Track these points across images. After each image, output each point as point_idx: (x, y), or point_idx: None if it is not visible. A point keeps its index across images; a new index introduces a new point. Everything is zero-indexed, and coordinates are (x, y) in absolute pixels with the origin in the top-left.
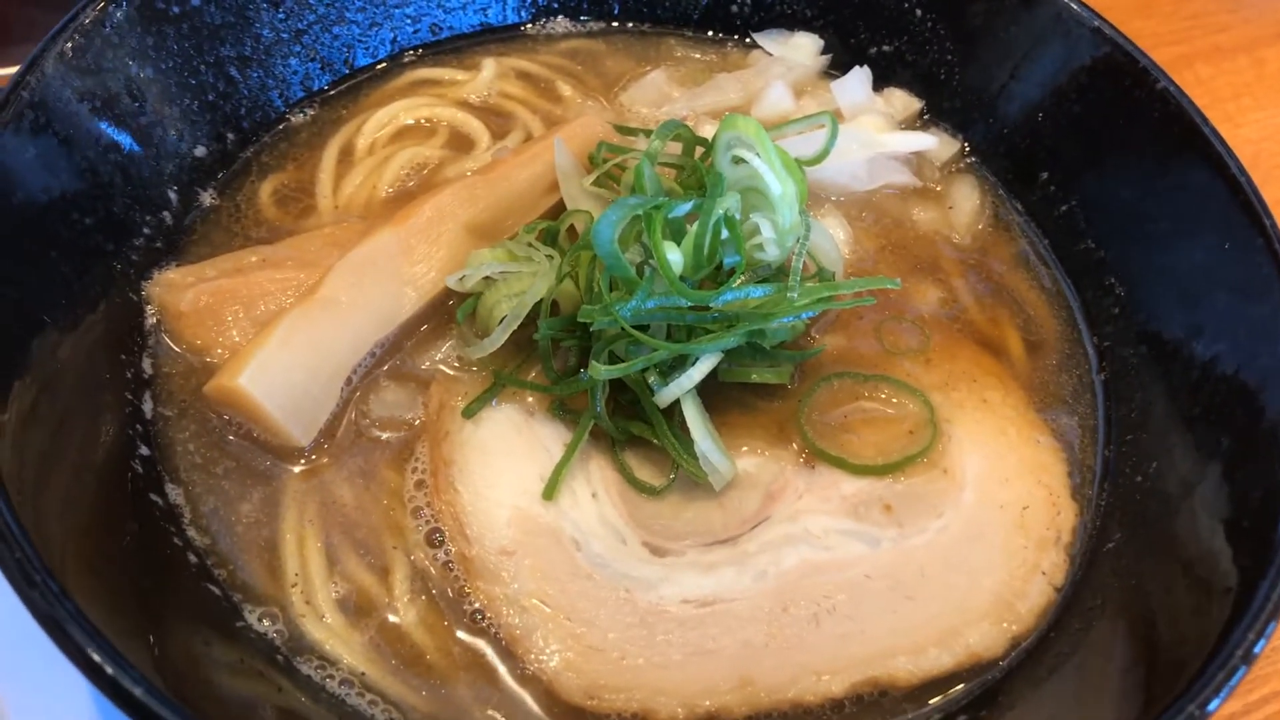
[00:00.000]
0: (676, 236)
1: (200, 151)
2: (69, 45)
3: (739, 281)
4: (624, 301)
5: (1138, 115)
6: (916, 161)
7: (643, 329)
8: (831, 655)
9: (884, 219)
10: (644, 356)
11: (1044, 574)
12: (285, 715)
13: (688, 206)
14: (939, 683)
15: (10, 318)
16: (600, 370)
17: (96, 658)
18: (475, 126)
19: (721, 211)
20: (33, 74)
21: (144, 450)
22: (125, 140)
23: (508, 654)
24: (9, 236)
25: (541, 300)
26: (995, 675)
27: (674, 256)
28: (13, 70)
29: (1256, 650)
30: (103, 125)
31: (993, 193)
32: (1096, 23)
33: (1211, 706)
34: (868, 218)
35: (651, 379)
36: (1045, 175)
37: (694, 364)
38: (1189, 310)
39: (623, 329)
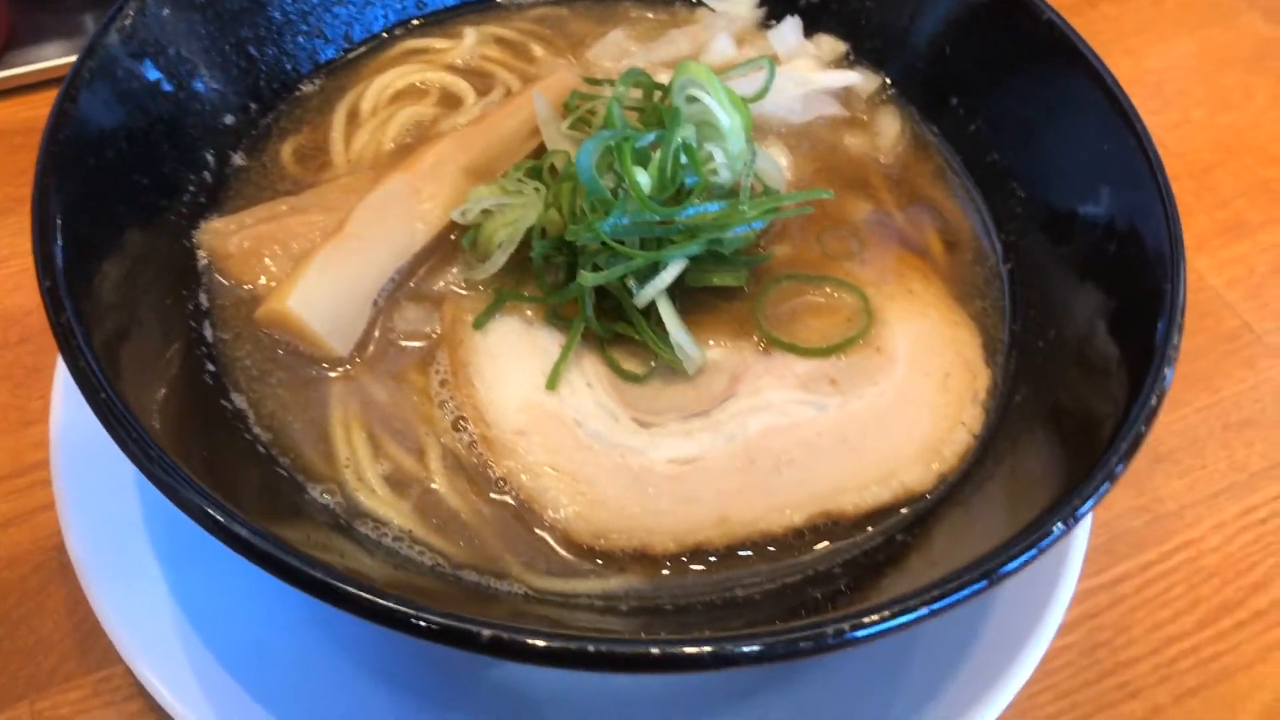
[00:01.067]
0: (643, 162)
1: (229, 120)
2: (117, 35)
3: (698, 198)
4: (603, 219)
5: (1027, 43)
6: (845, 95)
7: (620, 243)
8: (791, 495)
9: (819, 146)
10: (622, 265)
11: (964, 425)
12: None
13: (651, 137)
14: (880, 512)
15: (98, 259)
16: (587, 278)
17: (219, 516)
18: (462, 86)
19: (680, 139)
20: (91, 60)
21: (210, 367)
22: (169, 112)
23: (528, 510)
24: (92, 195)
25: (532, 226)
26: (926, 504)
27: (642, 179)
28: (21, 70)
29: (1143, 430)
30: (150, 102)
31: (911, 119)
32: None
33: (1119, 469)
34: (805, 145)
35: (630, 284)
36: (955, 100)
37: (664, 268)
38: (1077, 202)
39: (603, 243)
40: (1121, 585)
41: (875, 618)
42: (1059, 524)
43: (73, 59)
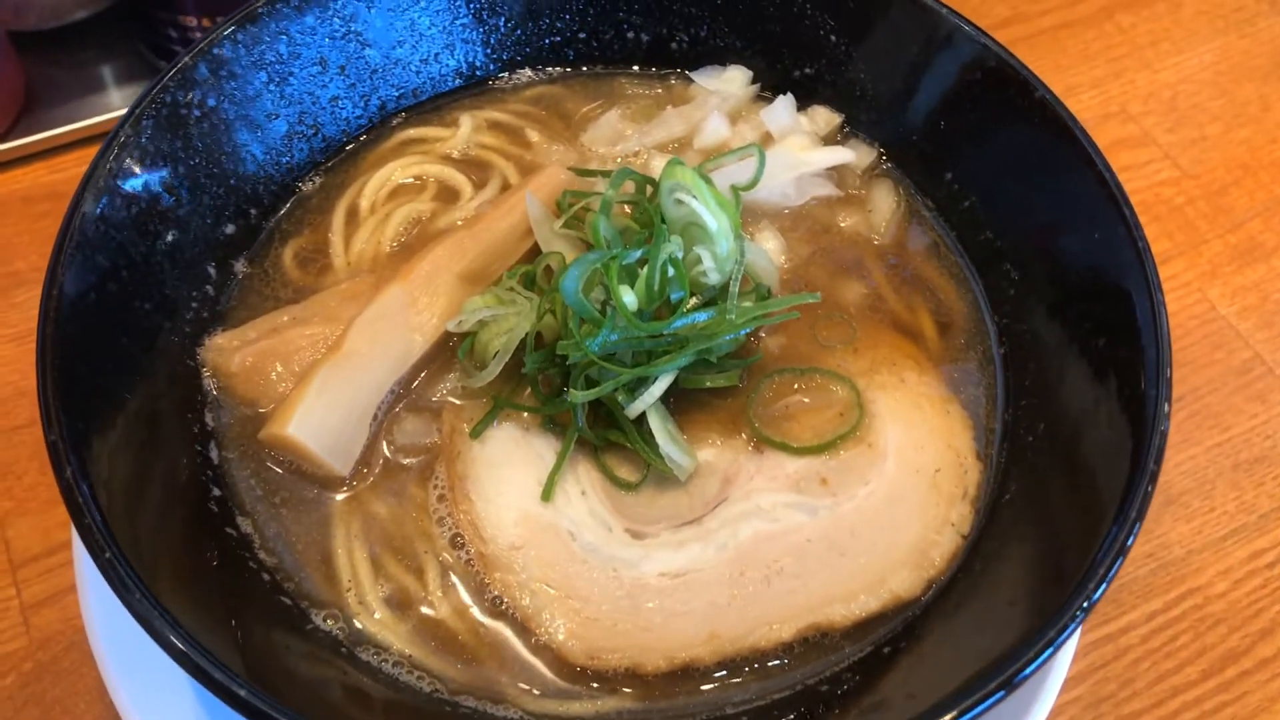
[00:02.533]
0: (631, 279)
1: (230, 229)
2: (114, 163)
3: (685, 309)
4: (592, 336)
5: (1021, 120)
6: (839, 173)
7: (610, 357)
8: (780, 608)
9: (813, 227)
10: (612, 380)
11: (953, 525)
12: (352, 692)
13: (638, 254)
14: (869, 622)
15: (98, 399)
16: (578, 396)
17: (181, 646)
18: (459, 180)
19: (666, 255)
20: (88, 193)
21: (216, 491)
22: (169, 233)
23: (523, 630)
24: (90, 335)
25: (527, 335)
26: (915, 612)
27: (629, 298)
28: (42, 136)
29: (1129, 543)
30: (150, 225)
31: (906, 193)
32: (984, 40)
33: (1096, 595)
34: (799, 229)
35: (621, 397)
36: (949, 175)
37: (654, 382)
38: (1068, 291)
39: (593, 359)
40: (1127, 635)
41: None
42: (1026, 664)
43: (94, 120)
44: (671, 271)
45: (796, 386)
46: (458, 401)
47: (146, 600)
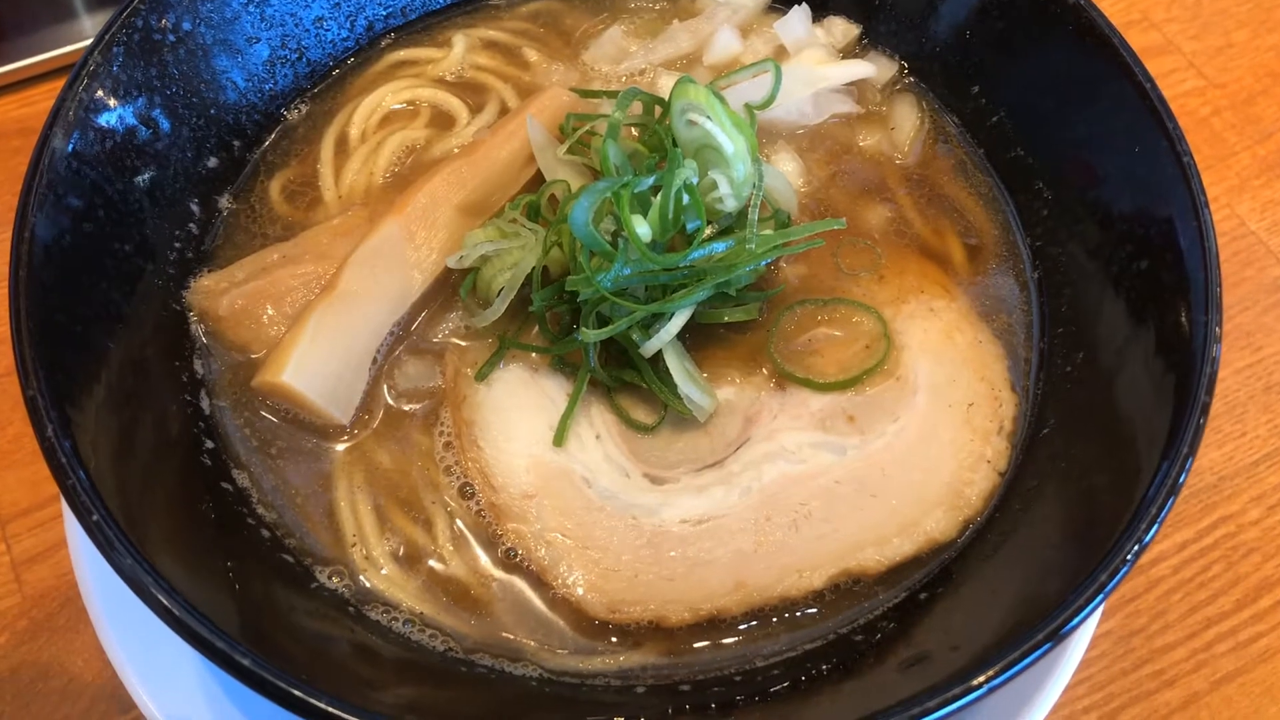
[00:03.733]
0: (644, 207)
1: (212, 163)
2: (84, 94)
3: (702, 240)
4: (604, 271)
5: (1053, 29)
6: (859, 88)
7: (623, 292)
8: (810, 554)
9: (832, 147)
10: (626, 317)
11: (989, 462)
12: (361, 652)
13: (650, 181)
14: (903, 567)
15: (78, 349)
16: (590, 335)
17: (175, 611)
18: (454, 104)
19: (680, 182)
20: (57, 127)
21: (209, 444)
22: (147, 168)
23: (539, 583)
24: (67, 280)
25: (532, 270)
26: (950, 555)
27: (642, 230)
28: (12, 67)
29: (1181, 480)
30: (126, 160)
31: (930, 109)
32: None
33: (1147, 539)
34: (818, 149)
35: (635, 334)
36: (976, 89)
37: (670, 318)
38: (1105, 212)
39: (604, 295)
40: (1158, 566)
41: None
42: (1075, 612)
43: (68, 49)
44: (686, 199)
45: (820, 319)
46: (461, 342)
47: (138, 564)
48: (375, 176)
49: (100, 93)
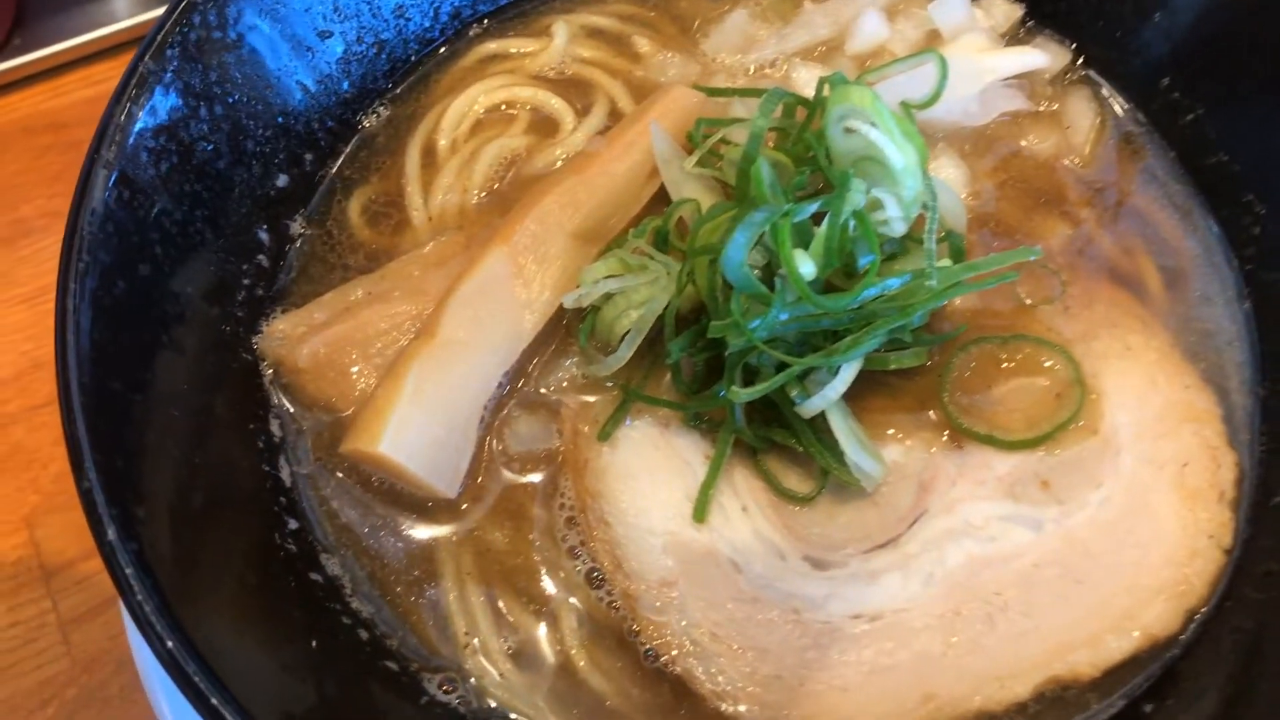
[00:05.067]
0: (803, 237)
1: (282, 181)
2: (133, 109)
3: (873, 276)
4: (756, 316)
5: (1272, 5)
6: (1028, 81)
7: (774, 339)
8: (1011, 657)
9: (1000, 151)
10: (782, 374)
11: (1210, 536)
12: None
13: (813, 207)
14: (1120, 669)
15: (141, 425)
16: (740, 394)
17: None
18: (557, 105)
19: (851, 209)
20: (103, 152)
21: (292, 523)
22: (208, 190)
23: (687, 692)
24: (121, 338)
25: (665, 311)
26: (1175, 654)
27: (806, 268)
28: (37, 55)
29: None
30: (184, 184)
31: (1110, 106)
32: None
33: None
34: (983, 153)
35: (794, 391)
36: (1166, 81)
37: (837, 373)
38: None
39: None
40: None
41: None
42: None
43: (98, 34)
44: (854, 227)
45: (998, 361)
46: (580, 395)
47: (219, 698)
48: (470, 194)
49: (152, 105)
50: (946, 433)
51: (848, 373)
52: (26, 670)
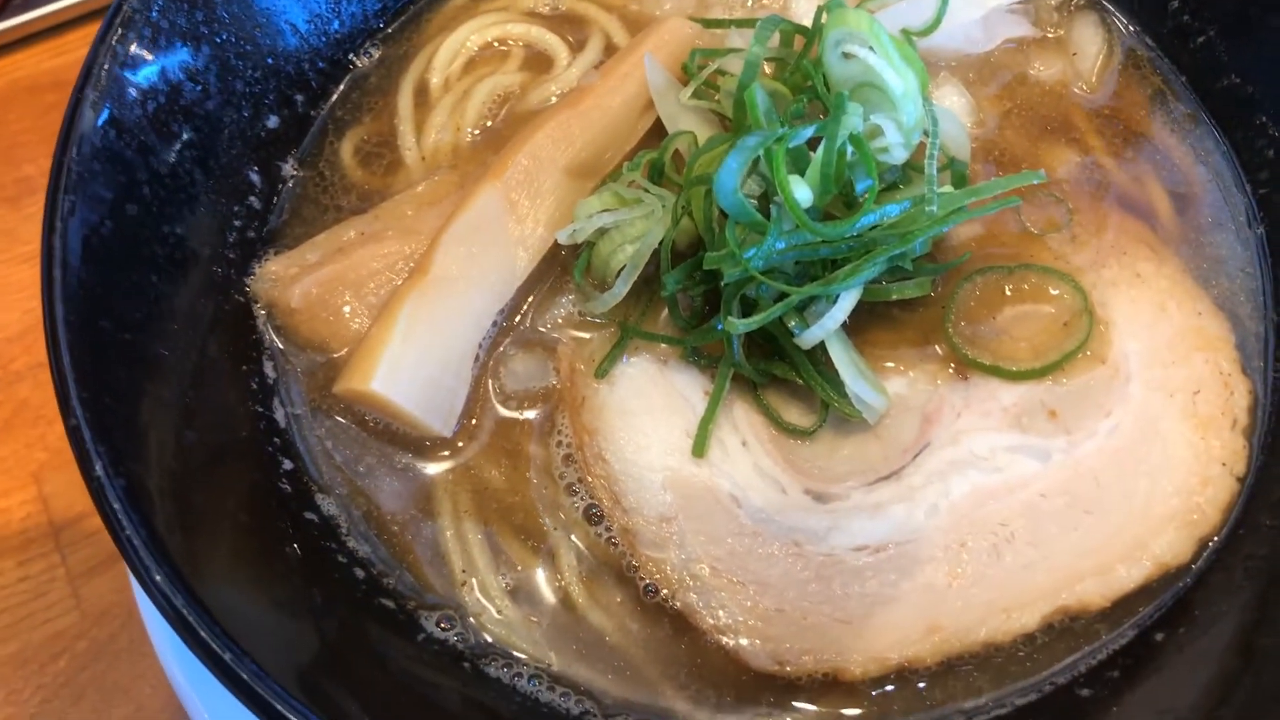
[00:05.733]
0: (799, 164)
1: (273, 122)
2: (118, 48)
3: (872, 202)
4: (753, 245)
5: None
6: (1032, 7)
7: (773, 270)
8: (1018, 588)
9: (1006, 79)
10: (782, 303)
11: (1224, 464)
12: (478, 713)
13: (809, 132)
14: (1130, 599)
15: (127, 361)
16: (738, 324)
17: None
18: (551, 41)
19: (848, 133)
20: (88, 91)
21: (286, 464)
22: (198, 132)
23: (687, 627)
24: (109, 277)
25: (660, 245)
26: (1187, 582)
27: (802, 193)
28: (43, 12)
29: None
30: (171, 124)
31: (1118, 29)
32: None
33: None
34: (988, 81)
35: (792, 322)
36: (1176, 3)
37: (835, 302)
38: None
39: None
40: None
41: None
42: None
43: None
44: (852, 153)
45: (1004, 291)
46: (577, 333)
47: (212, 636)
48: (463, 133)
49: (137, 45)
50: (952, 364)
51: (847, 302)
52: (37, 624)
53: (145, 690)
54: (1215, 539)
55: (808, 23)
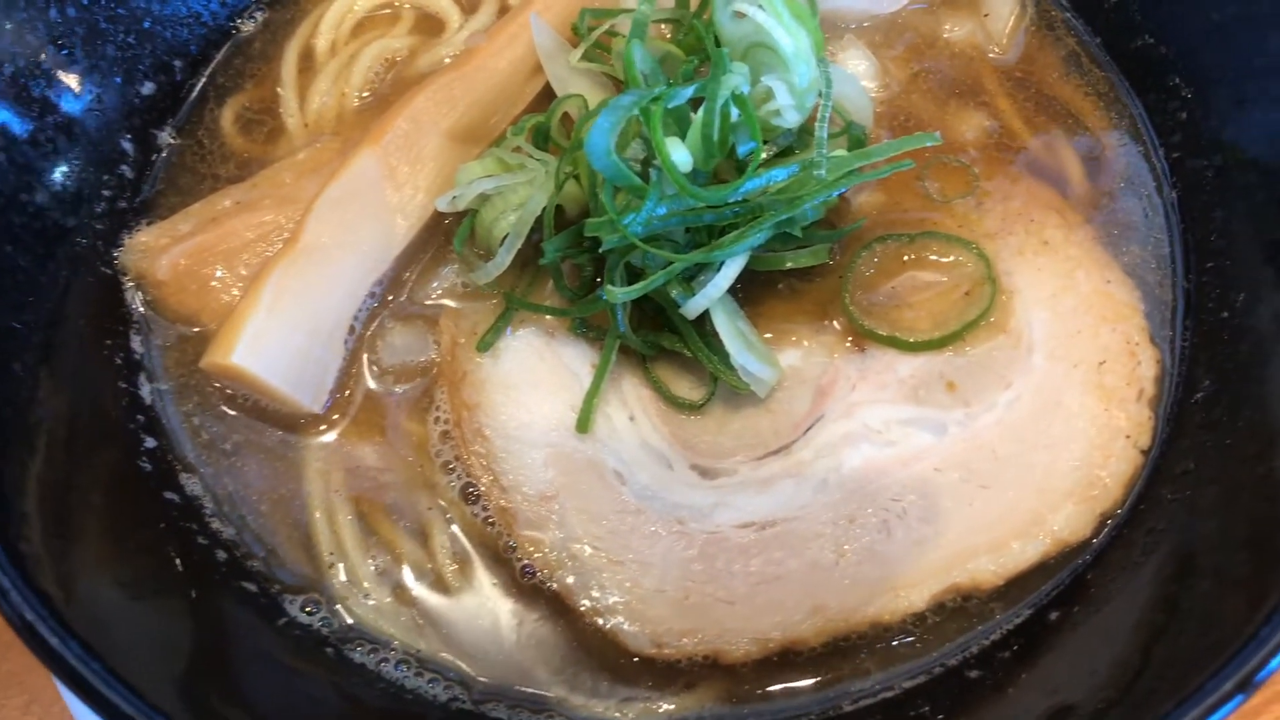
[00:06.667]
0: (681, 126)
1: (148, 88)
2: None
3: (758, 166)
4: (633, 211)
5: None
6: None
7: (657, 237)
8: (908, 566)
9: (913, 41)
10: (662, 270)
11: (1128, 436)
12: (343, 702)
13: (689, 91)
14: (1026, 577)
15: None
16: (617, 293)
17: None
18: (443, 4)
19: (728, 92)
20: None
21: (149, 441)
22: (61, 96)
23: (564, 609)
24: None
25: (544, 212)
26: (1086, 559)
27: (680, 155)
28: None
29: None
30: (32, 87)
31: None
32: None
33: None
34: (894, 43)
35: (675, 290)
36: None
37: (719, 269)
38: (1268, 110)
39: (635, 242)
40: None
41: None
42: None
43: None
44: (736, 114)
45: (905, 260)
46: (459, 305)
47: (51, 626)
48: (349, 98)
49: None
50: (849, 336)
51: (731, 270)
52: None
53: (39, 681)
54: (1116, 514)
55: None
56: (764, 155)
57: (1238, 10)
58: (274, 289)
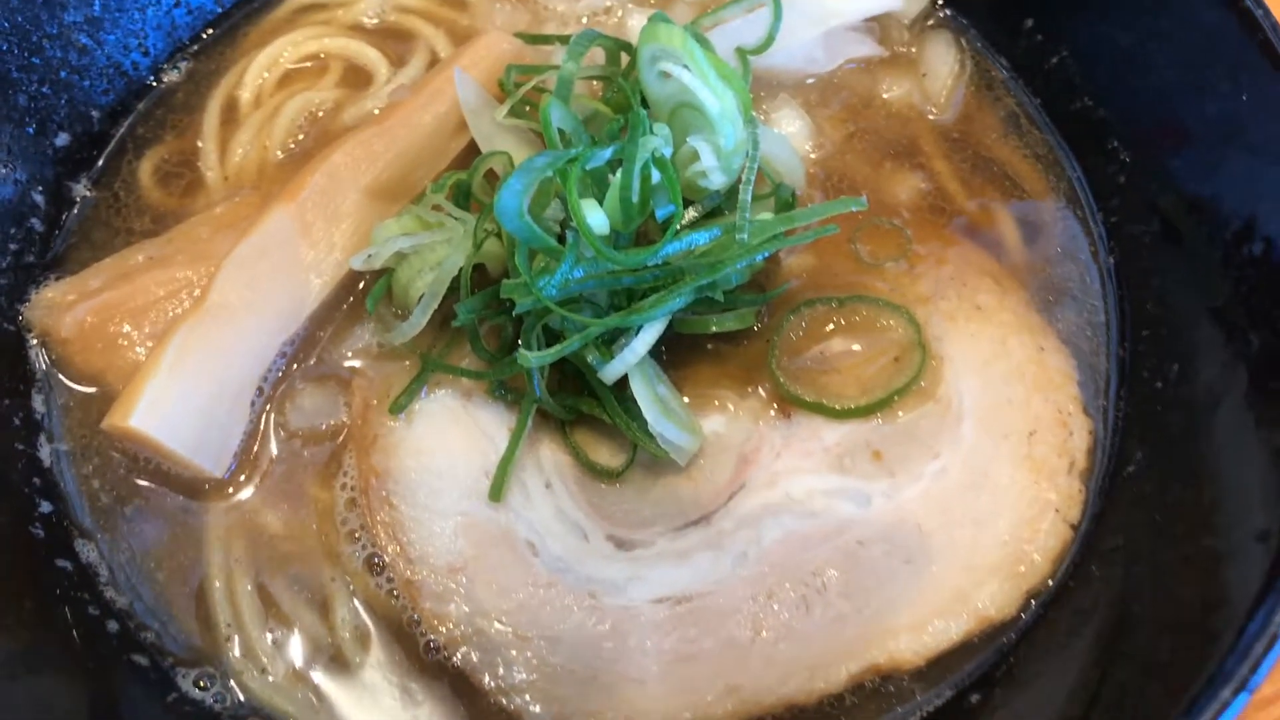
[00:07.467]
0: (601, 187)
1: (62, 140)
2: None
3: (679, 229)
4: (548, 274)
5: None
6: (880, 24)
7: (575, 300)
8: (825, 645)
9: (849, 101)
10: (579, 334)
11: (1057, 510)
12: None
13: (608, 153)
14: (948, 657)
15: None
16: (530, 358)
17: None
18: (371, 56)
19: (648, 154)
20: None
21: (45, 506)
22: None
23: (468, 686)
24: None
25: (461, 271)
26: (1011, 638)
27: (596, 218)
28: None
29: None
30: None
31: (971, 50)
32: None
33: (1252, 682)
34: (830, 103)
35: (592, 355)
36: (1030, 23)
37: (637, 334)
38: (1205, 177)
39: (550, 305)
40: None
41: None
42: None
43: None
44: (657, 176)
45: (834, 324)
46: (372, 365)
47: None
48: (270, 151)
49: None
50: (775, 402)
51: (649, 334)
52: None
53: None
54: (1044, 591)
55: None
56: (690, 217)
57: (1177, 75)
58: (177, 349)
